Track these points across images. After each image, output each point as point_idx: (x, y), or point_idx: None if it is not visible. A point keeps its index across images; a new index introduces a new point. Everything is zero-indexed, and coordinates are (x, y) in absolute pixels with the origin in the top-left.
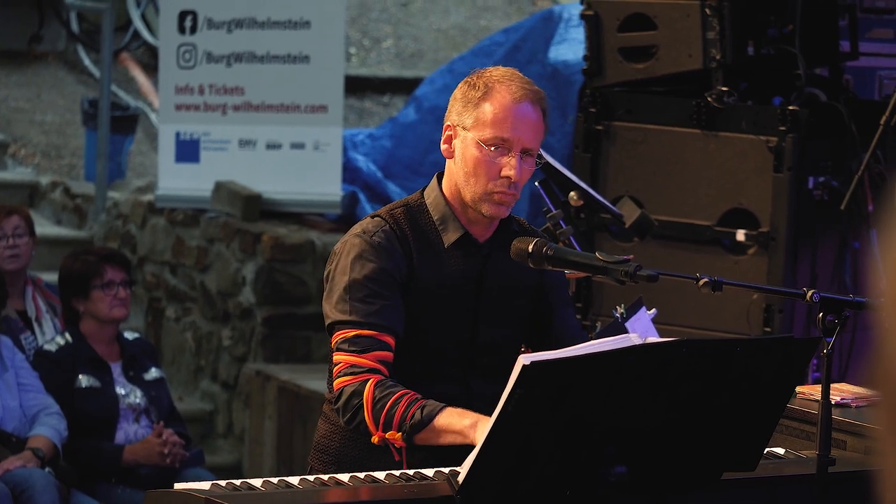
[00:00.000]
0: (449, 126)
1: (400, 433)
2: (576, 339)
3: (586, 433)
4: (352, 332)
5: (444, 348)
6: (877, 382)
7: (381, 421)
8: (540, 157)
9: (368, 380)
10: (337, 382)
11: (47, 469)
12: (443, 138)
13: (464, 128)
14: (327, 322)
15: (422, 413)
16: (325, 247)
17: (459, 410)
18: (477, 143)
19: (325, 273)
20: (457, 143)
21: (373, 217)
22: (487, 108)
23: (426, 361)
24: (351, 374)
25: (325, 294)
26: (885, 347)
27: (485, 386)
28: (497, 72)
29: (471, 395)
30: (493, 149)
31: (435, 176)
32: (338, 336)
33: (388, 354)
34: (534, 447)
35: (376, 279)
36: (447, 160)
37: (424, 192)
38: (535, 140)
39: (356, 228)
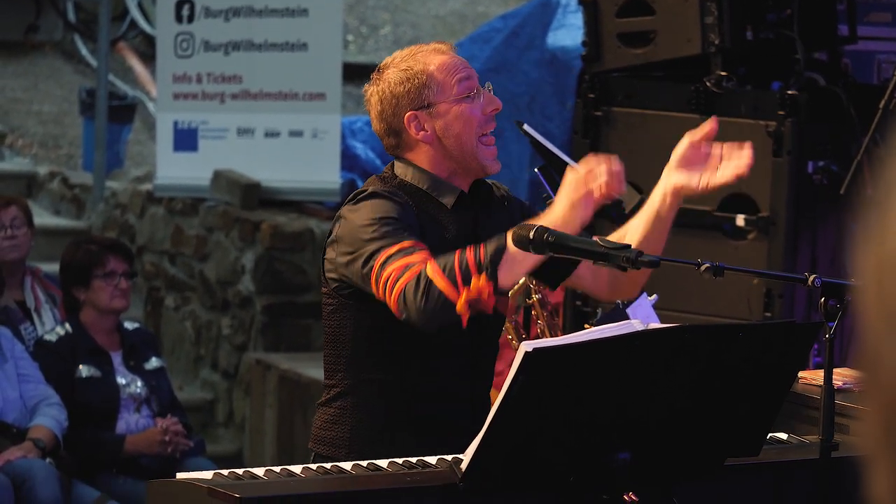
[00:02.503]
0: (410, 116)
1: (483, 274)
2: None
3: (589, 420)
4: (392, 249)
5: None
6: (866, 387)
7: (459, 278)
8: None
9: (426, 263)
10: (394, 292)
11: (48, 460)
12: (410, 134)
13: (429, 104)
14: (361, 260)
15: (491, 245)
16: (325, 235)
17: (516, 227)
18: (455, 101)
19: (333, 238)
20: (429, 123)
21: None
22: (436, 71)
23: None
24: (406, 271)
25: (345, 253)
26: (871, 351)
27: (490, 362)
28: (408, 53)
29: (476, 371)
30: (468, 96)
31: (394, 162)
32: (381, 256)
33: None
34: (537, 434)
35: (398, 215)
36: (418, 147)
37: (395, 172)
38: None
39: (360, 193)
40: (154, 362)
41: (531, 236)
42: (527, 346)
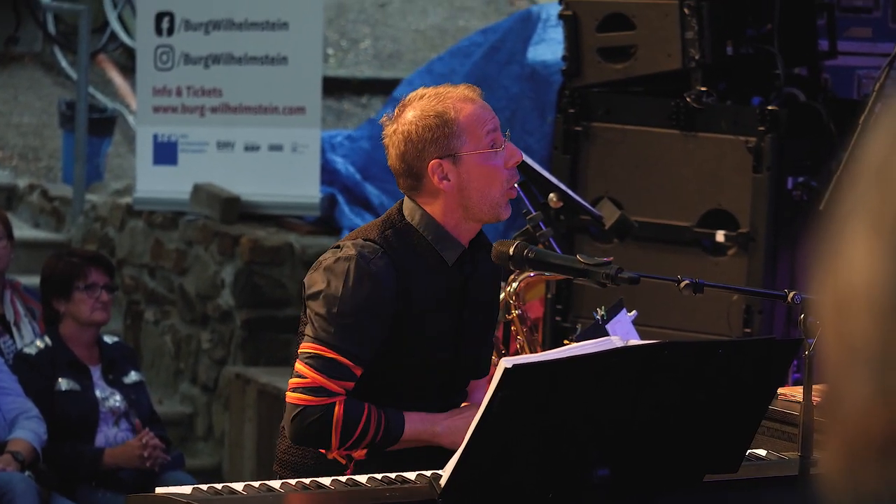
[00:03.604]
0: (435, 164)
1: (366, 450)
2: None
3: (569, 436)
4: (329, 354)
5: (428, 369)
6: (827, 422)
7: (349, 442)
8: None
9: (335, 403)
10: (296, 396)
11: (27, 473)
12: (433, 180)
13: (456, 154)
14: (309, 329)
15: (388, 430)
16: (304, 249)
17: (422, 417)
18: (482, 154)
19: (311, 280)
20: (454, 174)
21: (366, 240)
22: (467, 122)
23: (409, 382)
24: (315, 395)
25: (311, 300)
26: (832, 387)
27: (463, 401)
28: (435, 94)
29: (452, 406)
30: (492, 147)
31: (406, 199)
32: (314, 348)
33: (353, 385)
34: (516, 450)
35: (366, 308)
36: (436, 195)
37: (405, 215)
38: None
39: (351, 249)
40: (133, 376)
41: (511, 252)
42: (506, 362)
